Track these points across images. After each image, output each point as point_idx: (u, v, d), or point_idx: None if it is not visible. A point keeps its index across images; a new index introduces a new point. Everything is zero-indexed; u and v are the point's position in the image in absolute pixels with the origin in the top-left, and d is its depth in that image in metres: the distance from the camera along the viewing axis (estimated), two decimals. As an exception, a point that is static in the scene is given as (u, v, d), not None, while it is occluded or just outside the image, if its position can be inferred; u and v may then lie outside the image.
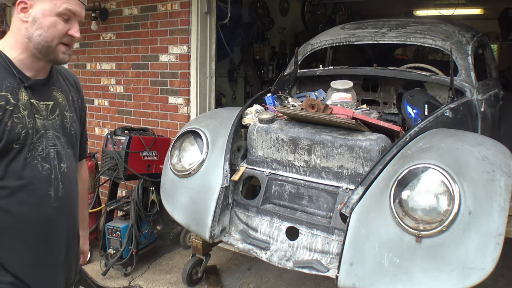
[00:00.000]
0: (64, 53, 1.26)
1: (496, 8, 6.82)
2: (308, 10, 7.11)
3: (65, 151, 1.33)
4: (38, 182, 1.24)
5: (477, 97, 2.82)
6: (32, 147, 1.23)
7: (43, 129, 1.26)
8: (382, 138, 2.20)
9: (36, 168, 1.24)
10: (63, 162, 1.31)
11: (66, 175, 1.32)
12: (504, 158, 1.92)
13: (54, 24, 1.22)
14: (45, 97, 1.30)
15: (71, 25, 1.25)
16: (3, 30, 5.38)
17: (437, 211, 1.78)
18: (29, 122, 1.22)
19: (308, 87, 3.35)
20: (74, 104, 1.42)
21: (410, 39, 3.10)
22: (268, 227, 2.34)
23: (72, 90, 1.44)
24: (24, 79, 1.24)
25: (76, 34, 1.25)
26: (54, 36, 1.22)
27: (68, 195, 1.33)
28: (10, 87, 1.20)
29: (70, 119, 1.37)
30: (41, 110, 1.27)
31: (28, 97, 1.23)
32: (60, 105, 1.34)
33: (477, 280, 1.64)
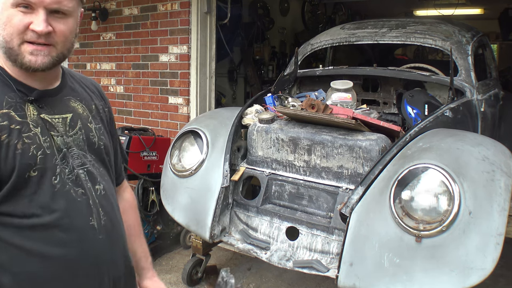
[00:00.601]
0: (32, 54, 0.94)
1: (496, 8, 6.82)
2: (308, 10, 7.11)
3: (97, 171, 1.08)
4: (75, 212, 0.99)
5: (477, 97, 2.82)
6: (59, 170, 0.98)
7: (64, 147, 1.01)
8: (382, 138, 2.20)
9: (70, 195, 0.99)
10: (98, 184, 1.06)
11: (105, 198, 1.07)
12: (504, 158, 1.92)
13: (9, 18, 0.93)
14: (60, 110, 1.05)
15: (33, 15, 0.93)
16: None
17: (437, 211, 1.78)
18: (45, 141, 0.98)
19: (308, 87, 3.35)
20: (99, 113, 1.17)
21: (410, 39, 3.10)
22: (268, 227, 2.34)
23: (95, 97, 1.19)
24: (28, 91, 0.99)
25: (37, 27, 0.92)
26: (11, 33, 0.93)
27: (112, 222, 1.08)
28: (12, 103, 0.96)
29: (97, 132, 1.11)
30: (57, 125, 1.02)
31: (37, 111, 0.99)
32: (82, 117, 1.09)
33: (477, 280, 1.65)
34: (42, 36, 0.93)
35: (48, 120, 1.01)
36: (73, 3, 0.98)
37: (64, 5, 0.96)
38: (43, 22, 0.92)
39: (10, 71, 1.00)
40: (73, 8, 0.99)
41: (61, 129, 1.03)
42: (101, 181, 1.08)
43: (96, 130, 1.12)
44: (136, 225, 1.32)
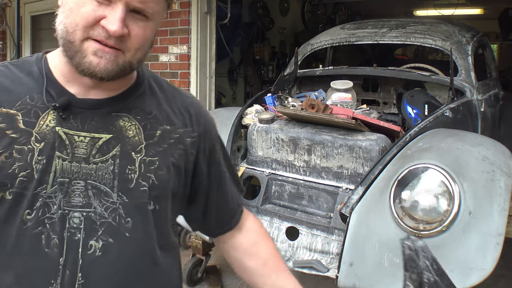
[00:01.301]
0: (96, 54, 0.73)
1: (496, 8, 6.82)
2: (308, 10, 7.11)
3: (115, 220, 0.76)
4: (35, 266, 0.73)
5: (477, 97, 2.82)
6: (40, 203, 0.73)
7: (65, 176, 0.75)
8: (382, 138, 2.20)
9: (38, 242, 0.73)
10: (97, 239, 0.75)
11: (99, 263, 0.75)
12: (504, 158, 1.92)
13: (79, 5, 0.72)
14: (94, 127, 0.78)
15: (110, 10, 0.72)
16: (3, 30, 5.39)
17: (437, 211, 1.78)
18: (39, 161, 0.74)
19: (308, 87, 3.35)
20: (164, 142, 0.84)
21: (410, 39, 3.10)
22: (268, 227, 2.34)
23: (174, 121, 0.87)
24: (59, 96, 0.78)
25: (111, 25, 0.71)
26: (75, 23, 0.72)
27: None
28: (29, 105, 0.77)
29: (143, 166, 0.80)
30: (76, 146, 0.77)
31: (55, 122, 0.76)
32: (126, 142, 0.80)
33: (477, 280, 1.64)
34: (113, 38, 0.72)
35: (62, 136, 0.76)
36: (159, 7, 0.78)
37: (150, 7, 0.75)
38: (119, 21, 0.71)
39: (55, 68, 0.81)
40: (157, 12, 0.77)
41: (82, 151, 0.77)
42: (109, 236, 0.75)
43: (142, 164, 0.80)
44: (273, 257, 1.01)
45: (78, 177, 0.76)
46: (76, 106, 0.79)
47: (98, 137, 0.78)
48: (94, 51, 0.73)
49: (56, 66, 0.81)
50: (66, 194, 0.75)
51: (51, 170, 0.75)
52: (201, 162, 0.91)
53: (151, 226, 0.81)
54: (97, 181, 0.77)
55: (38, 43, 5.37)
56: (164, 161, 0.83)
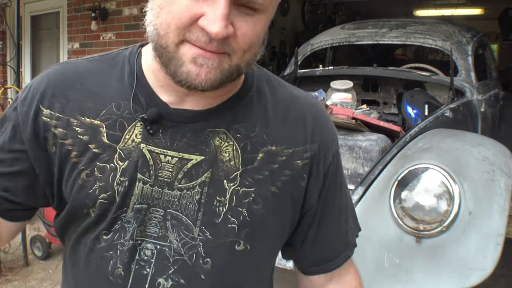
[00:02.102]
0: (196, 63, 0.57)
1: (496, 8, 6.82)
2: (308, 10, 7.11)
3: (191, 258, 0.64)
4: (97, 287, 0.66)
5: (477, 97, 2.82)
6: (119, 226, 0.65)
7: (144, 201, 0.65)
8: (382, 138, 2.20)
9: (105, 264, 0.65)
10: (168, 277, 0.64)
11: None
12: (504, 158, 1.92)
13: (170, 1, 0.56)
14: (184, 146, 0.65)
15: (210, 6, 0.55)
16: (3, 30, 5.39)
17: (437, 211, 1.78)
18: (122, 183, 0.64)
19: (308, 87, 3.34)
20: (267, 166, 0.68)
21: (410, 39, 3.10)
22: (268, 227, 2.34)
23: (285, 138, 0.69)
24: (149, 105, 0.66)
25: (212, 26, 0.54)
26: (167, 24, 0.57)
27: None
28: (115, 115, 0.66)
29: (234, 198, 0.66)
30: (161, 168, 0.65)
31: (141, 137, 0.65)
32: (219, 167, 0.66)
33: (477, 280, 1.64)
34: (215, 41, 0.56)
35: (146, 155, 0.64)
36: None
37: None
38: (223, 19, 0.54)
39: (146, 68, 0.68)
40: (269, 2, 0.59)
41: (166, 174, 0.65)
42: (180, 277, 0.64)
43: (234, 195, 0.65)
44: None
45: (157, 204, 0.65)
46: (167, 118, 0.65)
47: (187, 158, 0.65)
48: (193, 57, 0.57)
49: (149, 66, 0.68)
50: (142, 223, 0.65)
51: (131, 193, 0.64)
52: (312, 187, 0.72)
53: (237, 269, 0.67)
54: (178, 211, 0.65)
55: (38, 43, 5.38)
56: (263, 192, 0.67)
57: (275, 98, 0.72)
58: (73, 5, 4.70)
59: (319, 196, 0.73)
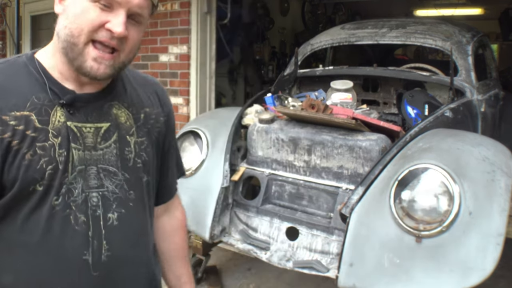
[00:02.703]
0: (96, 61, 0.84)
1: (496, 8, 6.82)
2: (308, 10, 7.11)
3: (123, 194, 0.92)
4: (68, 242, 0.86)
5: (477, 97, 2.82)
6: (65, 189, 0.85)
7: (81, 164, 0.87)
8: (382, 138, 2.20)
9: (67, 222, 0.85)
10: (113, 212, 0.90)
11: (117, 230, 0.90)
12: (505, 158, 1.91)
13: (84, 11, 0.82)
14: (96, 117, 0.91)
15: (113, 15, 0.83)
16: (3, 30, 5.39)
17: (437, 212, 1.78)
18: (61, 154, 0.85)
19: (308, 87, 3.34)
20: (147, 124, 1.00)
21: (410, 39, 3.10)
22: (268, 227, 2.34)
23: (150, 104, 1.03)
24: (62, 93, 0.87)
25: (117, 28, 0.82)
26: (81, 28, 0.82)
27: (120, 259, 0.92)
28: (38, 105, 0.85)
29: (136, 147, 0.95)
30: (85, 137, 0.88)
31: (65, 118, 0.86)
32: (121, 127, 0.94)
33: (477, 280, 1.64)
34: (116, 39, 0.83)
35: (73, 129, 0.87)
36: (148, 13, 0.90)
37: (144, 13, 0.87)
38: (123, 24, 0.82)
39: (50, 68, 0.89)
40: (147, 18, 0.90)
41: (89, 140, 0.89)
42: (120, 208, 0.91)
43: (135, 145, 0.95)
44: (183, 247, 1.18)
45: (91, 163, 0.89)
46: (77, 100, 0.89)
47: (100, 126, 0.91)
48: (94, 57, 0.84)
49: (52, 66, 0.89)
50: (85, 179, 0.88)
51: (70, 160, 0.86)
52: (167, 138, 1.07)
53: (146, 194, 0.98)
54: (105, 164, 0.91)
55: (37, 43, 5.37)
56: (150, 140, 1.00)
57: (135, 79, 1.04)
58: (73, 5, 4.70)
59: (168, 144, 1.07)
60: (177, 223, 1.18)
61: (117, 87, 0.97)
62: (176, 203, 1.20)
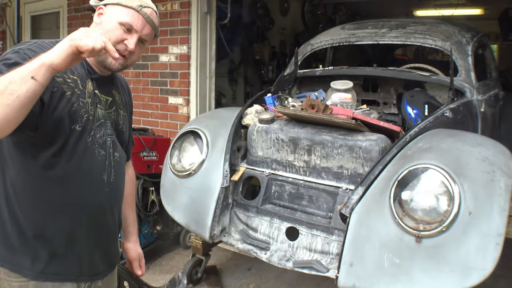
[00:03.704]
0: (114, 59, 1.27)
1: (496, 8, 6.82)
2: (308, 10, 7.11)
3: (116, 144, 1.43)
4: (95, 167, 1.33)
5: (477, 98, 2.82)
6: (93, 133, 1.31)
7: (103, 118, 1.35)
8: (382, 139, 2.20)
9: (94, 153, 1.32)
10: (117, 152, 1.41)
11: (118, 164, 1.41)
12: (504, 158, 1.91)
13: (114, 29, 1.29)
14: (106, 92, 1.39)
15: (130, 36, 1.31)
16: (3, 30, 5.39)
17: (437, 212, 1.78)
18: (91, 110, 1.30)
19: (308, 87, 3.35)
20: (126, 106, 1.54)
21: (410, 39, 3.10)
22: (268, 227, 2.34)
23: (125, 93, 1.56)
24: (92, 72, 1.35)
25: (130, 45, 1.31)
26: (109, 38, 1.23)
27: (118, 182, 1.43)
28: (81, 75, 1.30)
29: (123, 118, 1.49)
30: (102, 102, 1.36)
31: (93, 87, 1.33)
32: (117, 103, 1.45)
33: (477, 280, 1.64)
34: (127, 51, 1.32)
35: (98, 95, 1.35)
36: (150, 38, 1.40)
37: (148, 39, 1.38)
38: (135, 44, 1.32)
39: None
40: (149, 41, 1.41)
41: (104, 105, 1.37)
42: (119, 151, 1.43)
43: (122, 116, 1.48)
44: (132, 196, 1.70)
45: (107, 119, 1.38)
46: (99, 78, 1.36)
47: (108, 98, 1.41)
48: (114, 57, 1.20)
49: None
50: (104, 128, 1.36)
51: (96, 115, 1.33)
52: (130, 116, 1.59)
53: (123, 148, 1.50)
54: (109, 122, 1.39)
55: (38, 43, 5.36)
56: (128, 115, 1.56)
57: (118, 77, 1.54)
58: (73, 5, 4.71)
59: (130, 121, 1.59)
60: (128, 177, 1.62)
61: (114, 78, 1.48)
62: (130, 164, 1.69)
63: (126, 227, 1.66)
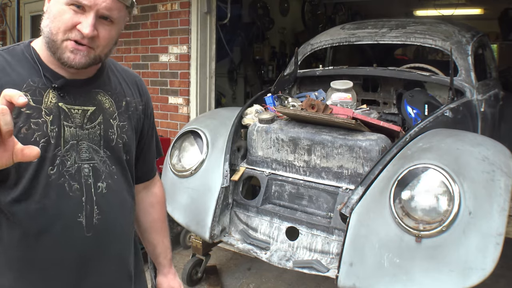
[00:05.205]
0: (72, 52, 0.96)
1: (496, 8, 6.82)
2: (308, 10, 7.11)
3: (107, 168, 1.07)
4: (64, 206, 1.00)
5: (477, 97, 2.82)
6: (59, 161, 0.99)
7: (74, 139, 1.02)
8: (382, 138, 2.20)
9: (62, 188, 1.00)
10: (102, 181, 1.05)
11: (106, 198, 1.06)
12: (504, 158, 1.91)
13: (60, 13, 0.96)
14: (83, 101, 1.05)
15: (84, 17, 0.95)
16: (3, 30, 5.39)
17: (437, 211, 1.78)
18: (53, 130, 0.99)
19: (308, 87, 3.35)
20: (128, 110, 1.15)
21: (410, 39, 3.10)
22: (268, 227, 2.34)
23: (131, 93, 1.19)
24: (54, 78, 1.01)
25: (84, 29, 0.94)
26: (58, 27, 0.96)
27: (108, 223, 1.06)
28: (33, 87, 0.99)
29: (118, 129, 1.11)
30: (74, 117, 1.02)
31: (56, 99, 1.00)
32: (105, 112, 1.09)
33: (477, 280, 1.64)
34: (86, 38, 0.96)
35: (65, 109, 1.01)
36: (122, 14, 1.02)
37: (114, 14, 0.99)
38: (91, 26, 0.95)
39: (43, 56, 1.03)
40: (120, 17, 1.02)
41: (78, 120, 1.03)
42: (107, 179, 1.07)
43: (117, 128, 1.11)
44: (160, 220, 1.34)
45: (82, 139, 1.03)
46: (67, 85, 1.03)
47: (86, 109, 1.06)
48: (71, 49, 0.97)
49: (45, 55, 1.03)
50: (78, 152, 1.02)
51: (62, 135, 1.00)
52: (145, 124, 1.24)
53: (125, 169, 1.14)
54: (91, 142, 1.05)
55: (38, 43, 5.36)
56: (130, 124, 1.15)
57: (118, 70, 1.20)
58: (73, 5, 4.70)
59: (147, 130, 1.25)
60: (154, 199, 1.34)
61: (102, 77, 1.12)
62: (155, 180, 1.36)
63: (156, 258, 1.36)
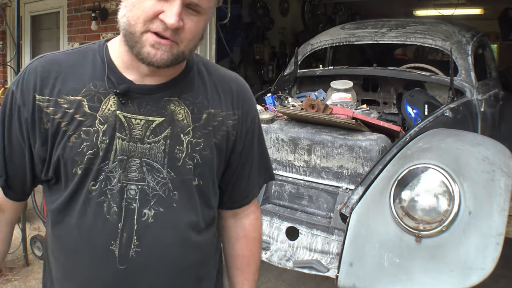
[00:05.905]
0: (154, 46, 0.81)
1: (496, 8, 6.82)
2: (308, 10, 7.11)
3: (164, 193, 0.88)
4: (98, 228, 0.86)
5: (477, 97, 2.82)
6: (103, 177, 0.86)
7: (124, 154, 0.86)
8: (382, 138, 2.20)
9: (100, 208, 0.86)
10: (151, 208, 0.87)
11: (151, 229, 0.87)
12: (504, 158, 1.91)
13: (140, 1, 0.80)
14: (148, 110, 0.88)
15: (168, 5, 0.79)
16: (3, 30, 5.39)
17: (437, 211, 1.78)
18: (103, 141, 0.85)
19: (308, 87, 3.35)
20: (209, 125, 0.93)
21: (410, 39, 3.11)
22: (268, 227, 2.34)
23: (218, 104, 0.95)
24: (119, 83, 0.88)
25: (169, 19, 0.78)
26: (137, 16, 0.80)
27: (152, 259, 0.88)
28: (93, 92, 0.87)
29: (189, 147, 0.90)
30: (133, 128, 0.87)
31: (115, 107, 0.87)
32: (176, 124, 0.89)
33: (477, 280, 1.64)
34: (169, 30, 0.80)
35: (122, 119, 0.86)
36: (211, 4, 0.85)
37: (203, 3, 0.82)
38: (176, 15, 0.78)
39: (115, 56, 0.90)
40: (209, 8, 0.85)
41: (138, 132, 0.87)
42: (159, 206, 0.87)
43: (188, 145, 0.90)
44: (245, 257, 1.09)
45: (134, 155, 0.87)
46: (133, 91, 0.88)
47: (152, 120, 0.88)
48: (152, 43, 0.81)
49: (117, 55, 0.90)
50: (125, 170, 0.86)
51: (112, 148, 0.86)
52: (238, 142, 0.99)
53: (195, 198, 0.92)
54: (150, 159, 0.88)
55: (38, 43, 5.38)
56: (208, 142, 0.92)
57: (210, 74, 0.98)
58: (73, 5, 4.70)
59: (242, 149, 1.00)
60: (242, 232, 1.09)
61: (183, 82, 0.93)
62: (249, 211, 1.09)
63: None
